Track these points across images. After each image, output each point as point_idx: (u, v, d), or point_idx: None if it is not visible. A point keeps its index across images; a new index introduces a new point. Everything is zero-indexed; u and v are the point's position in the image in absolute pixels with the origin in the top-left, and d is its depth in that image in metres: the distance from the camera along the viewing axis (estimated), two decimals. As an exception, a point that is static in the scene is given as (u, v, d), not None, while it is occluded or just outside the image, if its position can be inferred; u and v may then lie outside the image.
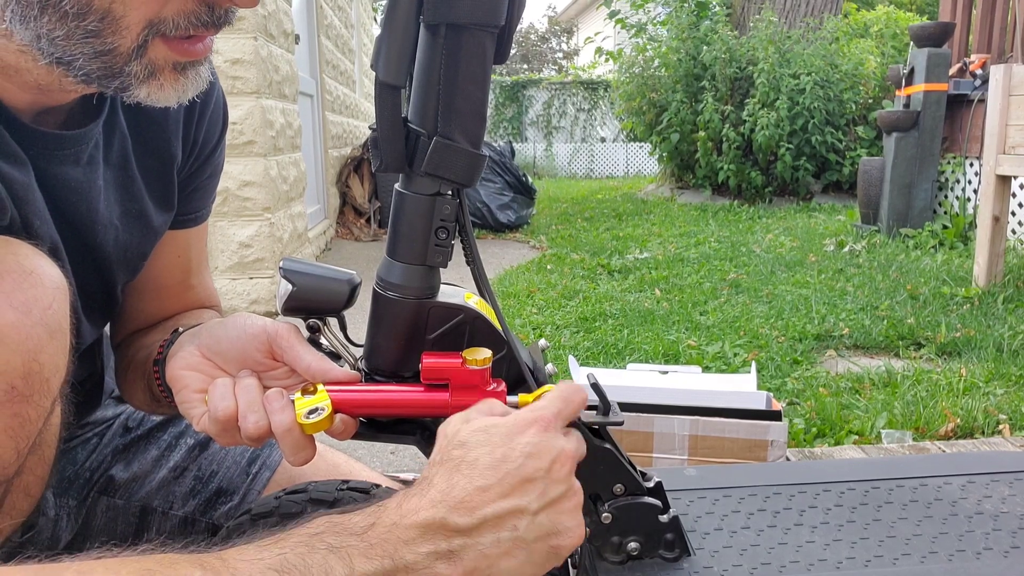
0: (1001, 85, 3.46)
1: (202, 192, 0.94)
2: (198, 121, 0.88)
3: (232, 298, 3.47)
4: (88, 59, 0.61)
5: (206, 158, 0.92)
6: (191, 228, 0.94)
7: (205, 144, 0.91)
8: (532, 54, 30.85)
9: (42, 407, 0.60)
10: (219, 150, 0.94)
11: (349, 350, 0.72)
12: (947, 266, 4.11)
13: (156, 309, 0.94)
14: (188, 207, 0.92)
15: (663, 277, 4.16)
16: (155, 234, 0.87)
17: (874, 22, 8.83)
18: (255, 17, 3.33)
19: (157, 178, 0.85)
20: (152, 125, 0.82)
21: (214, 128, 0.92)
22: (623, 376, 1.75)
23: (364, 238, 5.95)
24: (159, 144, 0.84)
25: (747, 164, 7.46)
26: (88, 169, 0.75)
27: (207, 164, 0.93)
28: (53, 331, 0.60)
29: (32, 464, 0.64)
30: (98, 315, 0.85)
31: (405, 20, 0.57)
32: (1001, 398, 2.26)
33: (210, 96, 0.90)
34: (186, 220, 0.93)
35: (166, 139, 0.84)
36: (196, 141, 0.89)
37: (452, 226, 0.63)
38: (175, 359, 0.75)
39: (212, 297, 1.01)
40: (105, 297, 0.84)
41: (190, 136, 0.88)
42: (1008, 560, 0.70)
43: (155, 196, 0.85)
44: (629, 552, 0.71)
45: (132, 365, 0.88)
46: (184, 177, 0.90)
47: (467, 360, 0.65)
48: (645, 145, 10.57)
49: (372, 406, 0.67)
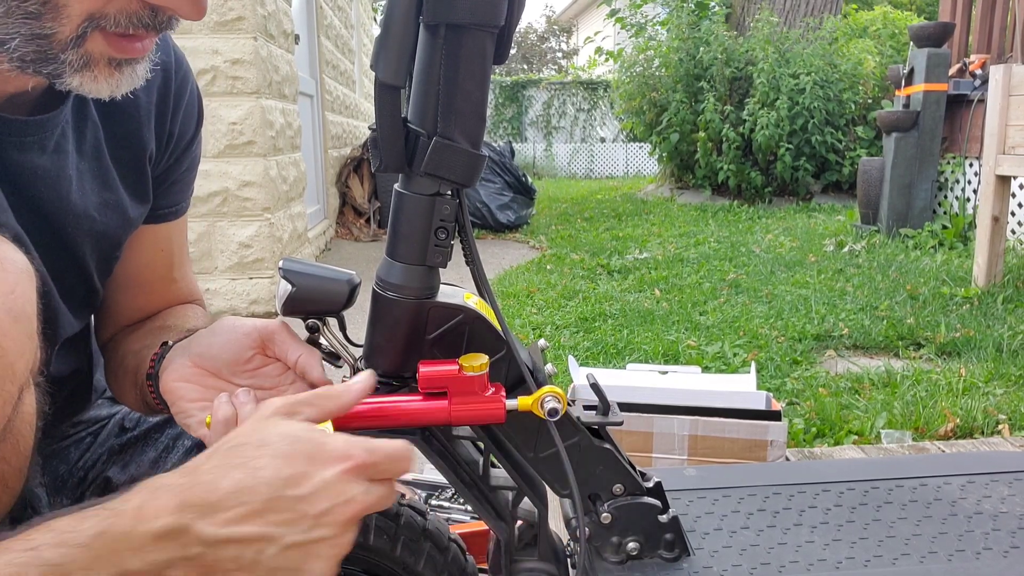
0: (1001, 85, 3.46)
1: (180, 185, 0.95)
2: (173, 114, 0.89)
3: (232, 298, 3.47)
4: (24, 40, 0.61)
5: (183, 151, 0.92)
6: (172, 222, 0.95)
7: (181, 137, 0.91)
8: (532, 54, 30.85)
9: (7, 392, 0.59)
10: (196, 143, 0.95)
11: (349, 350, 0.72)
12: (947, 266, 4.11)
13: (141, 304, 0.94)
14: (167, 200, 0.93)
15: (663, 277, 4.16)
16: (130, 225, 0.87)
17: (872, 22, 8.83)
18: (255, 17, 3.33)
19: (131, 169, 0.85)
20: (122, 115, 0.83)
21: (190, 121, 0.92)
22: (623, 376, 1.74)
23: (364, 238, 5.95)
24: (130, 134, 0.84)
25: (747, 164, 7.45)
26: (56, 157, 0.75)
27: (184, 157, 0.93)
28: (17, 315, 0.59)
29: (6, 454, 0.63)
30: (79, 305, 0.85)
31: (405, 20, 0.57)
32: (1001, 398, 2.26)
33: (184, 89, 0.90)
34: (167, 214, 0.94)
35: (137, 129, 0.84)
36: (172, 134, 0.90)
37: (452, 226, 0.63)
38: (168, 372, 0.76)
39: (195, 291, 1.01)
40: (84, 287, 0.84)
41: (165, 129, 0.88)
42: (1008, 560, 0.70)
43: (129, 187, 0.86)
44: (628, 552, 0.71)
45: (123, 370, 0.88)
46: (162, 170, 0.91)
47: (464, 367, 0.65)
48: (645, 145, 10.57)
49: (372, 420, 0.67)
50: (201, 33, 3.27)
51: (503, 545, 0.72)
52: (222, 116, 3.34)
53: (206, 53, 3.28)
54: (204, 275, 3.45)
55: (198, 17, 0.63)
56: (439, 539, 0.71)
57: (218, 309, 3.46)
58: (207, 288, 3.45)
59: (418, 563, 0.69)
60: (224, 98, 3.33)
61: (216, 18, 3.27)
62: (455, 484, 0.70)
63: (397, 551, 0.69)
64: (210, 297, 3.45)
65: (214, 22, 3.27)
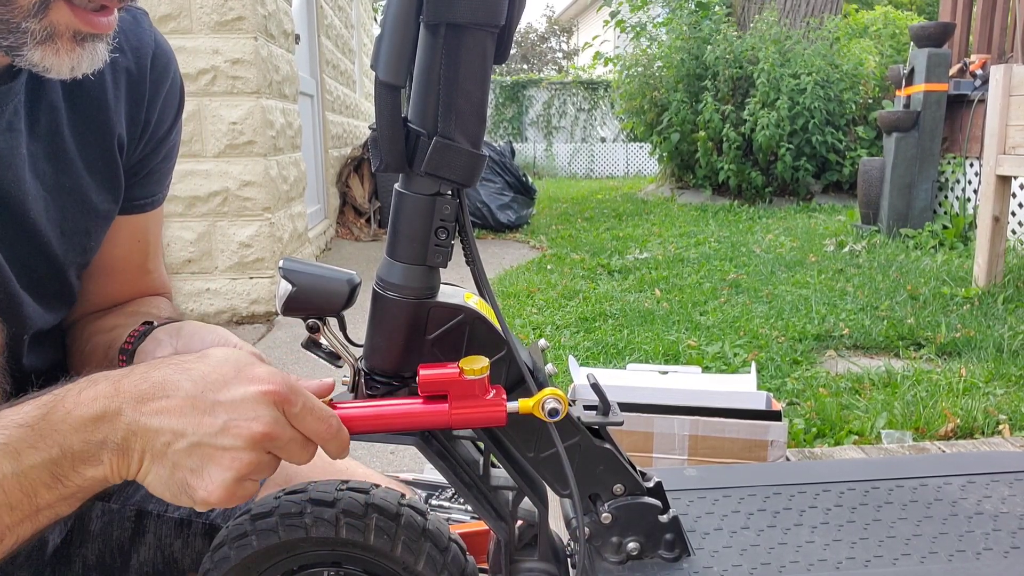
0: (1001, 85, 3.46)
1: (157, 175, 0.93)
2: (150, 102, 0.86)
3: (232, 298, 3.47)
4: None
5: (159, 141, 0.90)
6: (148, 212, 0.94)
7: (158, 126, 0.89)
8: (532, 54, 30.85)
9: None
10: (173, 132, 0.93)
11: (349, 350, 0.71)
12: (947, 266, 4.11)
13: (112, 292, 0.93)
14: (143, 191, 0.91)
15: (663, 277, 4.16)
16: (96, 212, 0.85)
17: (872, 22, 8.83)
18: (255, 17, 3.33)
19: (99, 155, 0.83)
20: (87, 99, 0.80)
21: (168, 110, 0.90)
22: (623, 376, 1.74)
23: (364, 238, 5.95)
24: (97, 119, 0.81)
25: (747, 164, 7.45)
26: (8, 136, 0.73)
27: (160, 147, 0.91)
28: None
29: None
30: (48, 297, 0.83)
31: (405, 20, 0.57)
32: (1001, 398, 2.26)
33: (164, 78, 0.88)
34: (143, 204, 0.92)
35: (105, 114, 0.82)
36: (148, 122, 0.87)
37: (452, 226, 0.63)
38: (149, 352, 0.75)
39: (165, 284, 1.01)
40: (54, 279, 0.82)
41: (140, 117, 0.86)
42: (1008, 560, 0.70)
43: (96, 174, 0.83)
44: (629, 552, 0.71)
45: (90, 346, 0.87)
46: (136, 160, 0.88)
47: (464, 370, 0.64)
48: (645, 145, 10.57)
49: (371, 423, 0.67)
50: (201, 33, 3.27)
51: (503, 545, 0.72)
52: (222, 116, 3.35)
53: (206, 53, 3.28)
54: (204, 275, 3.45)
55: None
56: (439, 539, 0.71)
57: (218, 309, 3.46)
58: (207, 288, 3.45)
59: (418, 563, 0.69)
60: (224, 98, 3.33)
61: (216, 18, 3.27)
62: (455, 484, 0.70)
63: (397, 551, 0.68)
64: (210, 297, 3.45)
65: (214, 22, 3.27)
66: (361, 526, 0.68)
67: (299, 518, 0.68)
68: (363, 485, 0.71)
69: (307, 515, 0.68)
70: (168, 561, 0.94)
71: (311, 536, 0.68)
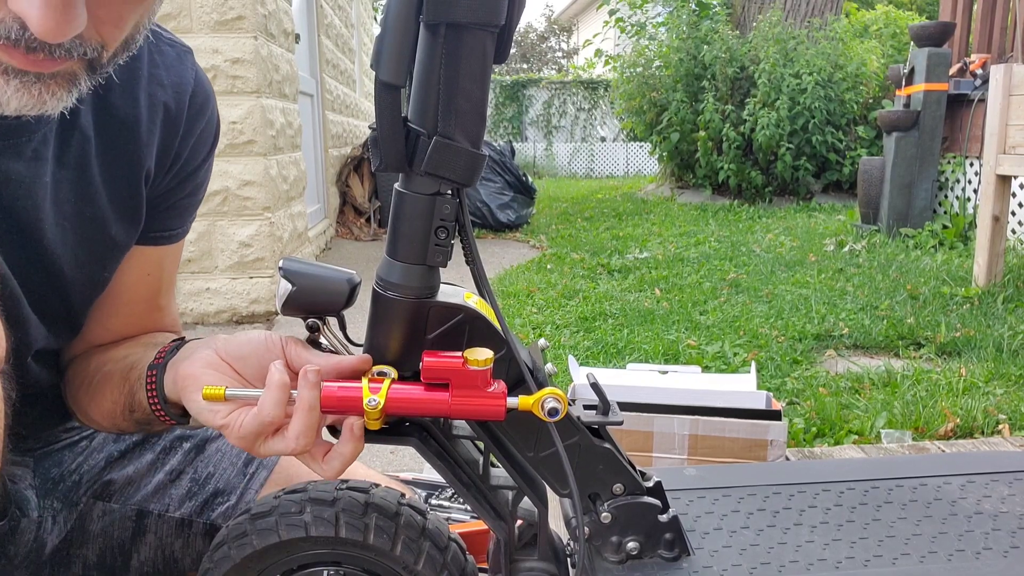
0: (1001, 85, 3.46)
1: (179, 210, 0.90)
2: (183, 137, 0.85)
3: (232, 297, 3.47)
4: None
5: (187, 175, 0.89)
6: (165, 246, 0.91)
7: (189, 161, 0.88)
8: (532, 54, 30.83)
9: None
10: (203, 169, 0.91)
11: (349, 350, 0.71)
12: (947, 266, 4.11)
13: (119, 326, 0.90)
14: (164, 224, 0.89)
15: (663, 277, 4.16)
16: (113, 243, 0.83)
17: (873, 22, 8.83)
18: (255, 16, 3.33)
19: (124, 187, 0.82)
20: (121, 131, 0.80)
21: (201, 147, 0.89)
22: (623, 376, 1.74)
23: (364, 238, 5.95)
24: (127, 151, 0.81)
25: (747, 164, 7.45)
26: (33, 164, 0.73)
27: (188, 181, 0.89)
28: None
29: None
30: (54, 321, 0.82)
31: (405, 19, 0.57)
32: (1001, 398, 2.26)
33: (200, 115, 0.87)
34: (158, 237, 0.89)
35: (136, 146, 0.81)
36: (178, 156, 0.86)
37: (452, 226, 0.63)
38: (191, 360, 0.73)
39: (176, 323, 0.98)
40: (62, 304, 0.82)
41: (171, 149, 0.85)
42: (1008, 560, 0.70)
43: (117, 203, 0.82)
44: (628, 552, 0.71)
45: (100, 378, 0.84)
46: (160, 192, 0.87)
47: (469, 360, 0.64)
48: (645, 145, 10.57)
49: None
50: (201, 32, 3.27)
51: (503, 545, 0.72)
52: (222, 115, 3.32)
53: (206, 52, 3.28)
54: (204, 275, 3.45)
55: (46, 36, 0.57)
56: (439, 538, 0.71)
57: (218, 308, 3.46)
58: (207, 287, 3.45)
59: (418, 563, 0.69)
60: (224, 97, 3.33)
61: (216, 17, 3.27)
62: (454, 484, 0.70)
63: (397, 551, 0.69)
64: (210, 297, 3.45)
65: (214, 21, 3.27)
66: (361, 525, 0.68)
67: (299, 517, 0.68)
68: (363, 484, 0.71)
69: (307, 514, 0.68)
70: (168, 561, 0.94)
71: (311, 535, 0.68)
